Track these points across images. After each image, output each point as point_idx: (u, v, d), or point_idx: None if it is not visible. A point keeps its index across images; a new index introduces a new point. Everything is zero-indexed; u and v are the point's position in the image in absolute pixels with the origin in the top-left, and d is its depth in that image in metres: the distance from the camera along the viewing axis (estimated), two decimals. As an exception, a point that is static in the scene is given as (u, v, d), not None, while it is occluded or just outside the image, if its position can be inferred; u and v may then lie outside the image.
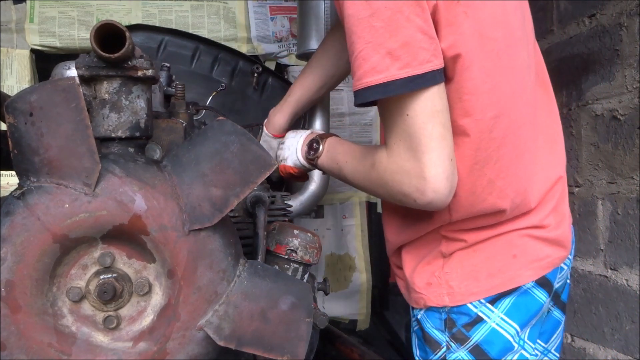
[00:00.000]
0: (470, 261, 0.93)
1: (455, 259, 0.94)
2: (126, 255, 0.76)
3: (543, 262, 0.95)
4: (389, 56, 0.73)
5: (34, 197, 0.70)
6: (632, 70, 1.34)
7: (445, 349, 0.95)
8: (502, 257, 0.92)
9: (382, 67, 0.74)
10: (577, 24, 1.54)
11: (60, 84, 0.70)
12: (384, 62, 0.73)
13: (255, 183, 0.76)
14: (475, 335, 0.92)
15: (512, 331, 0.93)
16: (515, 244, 0.93)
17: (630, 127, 1.35)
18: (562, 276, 1.07)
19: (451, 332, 0.94)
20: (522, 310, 0.93)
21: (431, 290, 0.95)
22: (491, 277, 0.92)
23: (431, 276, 0.95)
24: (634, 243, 1.35)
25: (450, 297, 0.93)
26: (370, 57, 0.74)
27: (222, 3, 2.06)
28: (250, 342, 0.76)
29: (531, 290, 0.94)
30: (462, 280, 0.93)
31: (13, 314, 0.71)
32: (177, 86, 1.11)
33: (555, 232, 0.97)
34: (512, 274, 0.92)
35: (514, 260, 0.92)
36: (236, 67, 1.74)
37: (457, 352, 0.94)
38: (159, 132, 0.95)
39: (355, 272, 2.21)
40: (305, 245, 1.03)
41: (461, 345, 0.93)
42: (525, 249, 0.93)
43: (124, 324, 0.77)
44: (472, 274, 0.93)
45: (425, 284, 0.96)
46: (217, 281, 0.76)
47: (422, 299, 0.96)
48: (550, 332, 1.10)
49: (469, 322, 0.93)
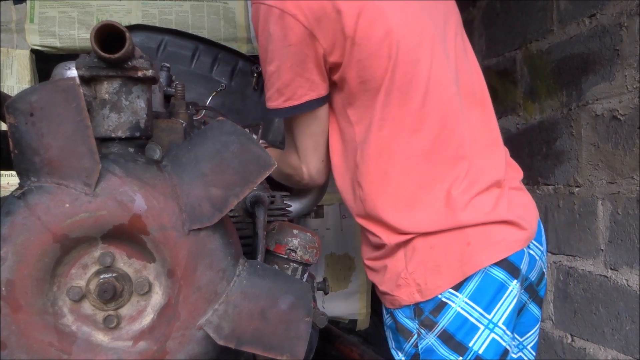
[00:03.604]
0: (430, 257, 1.02)
1: (417, 258, 1.02)
2: (126, 254, 0.76)
3: (500, 245, 1.02)
4: (277, 92, 1.03)
5: (34, 197, 0.70)
6: (632, 70, 1.34)
7: (416, 336, 1.03)
8: (458, 247, 1.01)
9: (274, 98, 1.05)
10: (577, 24, 1.54)
11: (61, 84, 0.70)
12: (274, 95, 1.04)
13: (255, 183, 0.76)
14: (442, 320, 1.00)
15: (476, 314, 1.00)
16: (467, 233, 1.01)
17: (630, 127, 1.36)
18: (535, 267, 1.12)
19: (420, 319, 1.02)
20: (484, 292, 1.00)
21: (402, 291, 1.03)
22: (451, 268, 1.00)
23: (398, 278, 1.04)
24: (634, 243, 1.35)
25: (420, 293, 1.02)
26: (269, 90, 1.05)
27: (222, 3, 2.06)
28: (249, 342, 0.76)
29: (489, 270, 1.01)
30: (426, 276, 1.01)
31: (13, 313, 0.71)
32: (177, 86, 1.11)
33: (505, 215, 1.03)
34: (468, 260, 1.00)
35: (469, 248, 1.00)
36: (236, 67, 1.74)
37: (427, 339, 1.01)
38: (159, 132, 0.95)
39: (355, 272, 2.21)
40: (304, 245, 1.03)
41: (430, 331, 1.01)
42: (477, 235, 1.01)
43: (124, 324, 0.77)
44: (434, 269, 1.01)
45: (395, 286, 1.04)
46: (217, 281, 0.76)
47: (397, 300, 1.05)
48: (526, 327, 1.16)
49: (434, 307, 1.01)
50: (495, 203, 1.05)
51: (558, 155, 1.66)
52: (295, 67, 1.00)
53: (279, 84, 1.02)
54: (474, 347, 0.99)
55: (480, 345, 0.99)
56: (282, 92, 1.03)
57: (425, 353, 1.02)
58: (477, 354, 0.99)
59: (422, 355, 1.02)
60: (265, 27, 0.99)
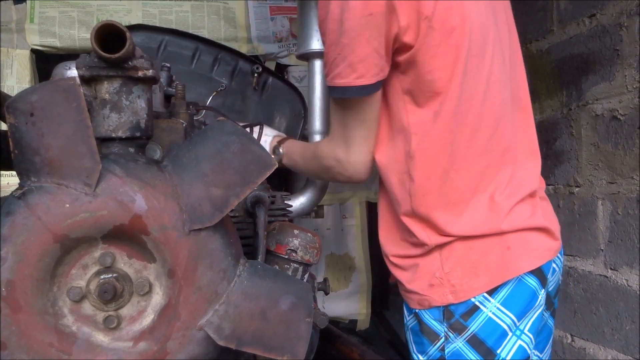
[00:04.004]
0: (468, 259, 0.97)
1: (454, 258, 0.98)
2: (127, 255, 0.76)
3: (536, 252, 1.00)
4: (349, 67, 0.92)
5: (34, 197, 0.70)
6: (632, 70, 1.34)
7: (444, 339, 0.98)
8: (498, 251, 0.97)
9: (344, 74, 0.93)
10: (577, 24, 1.54)
11: (61, 84, 0.70)
12: (345, 71, 0.93)
13: (255, 183, 0.76)
14: (473, 324, 0.96)
15: (508, 321, 0.96)
16: (507, 237, 0.98)
17: (630, 127, 1.36)
18: (554, 278, 1.09)
19: (449, 323, 0.98)
20: (517, 300, 0.97)
21: (434, 291, 0.99)
22: (489, 271, 0.97)
23: (432, 278, 0.99)
24: (634, 243, 1.35)
25: (453, 295, 0.97)
26: (337, 65, 0.93)
27: (222, 3, 2.06)
28: (250, 342, 0.76)
29: (524, 278, 0.98)
30: (462, 277, 0.97)
31: (14, 313, 0.71)
32: (177, 86, 1.11)
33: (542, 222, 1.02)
34: (508, 265, 0.97)
35: (509, 252, 0.97)
36: (236, 67, 1.74)
37: (455, 342, 0.97)
38: (159, 132, 0.95)
39: (355, 272, 2.21)
40: (305, 245, 1.03)
41: (459, 334, 0.97)
42: (517, 240, 0.98)
43: (124, 324, 0.77)
44: (471, 271, 0.97)
45: (428, 285, 0.99)
46: (217, 281, 0.76)
47: (427, 300, 1.00)
48: (544, 342, 1.13)
49: (466, 311, 0.96)
50: (533, 211, 1.02)
51: (558, 155, 1.66)
52: (373, 41, 0.91)
53: (352, 58, 0.91)
54: (502, 354, 0.96)
55: (508, 352, 0.96)
56: (355, 67, 0.92)
57: (452, 357, 0.98)
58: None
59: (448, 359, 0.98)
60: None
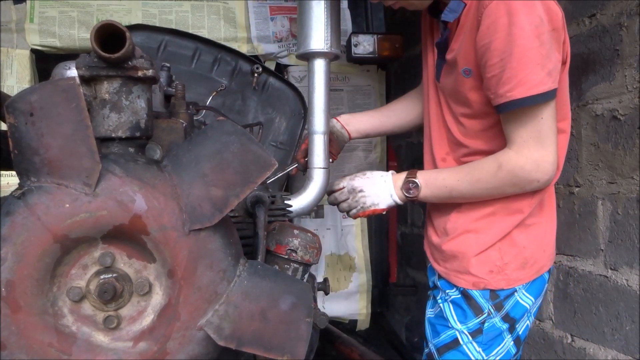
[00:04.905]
0: (522, 255, 1.23)
1: (512, 252, 1.23)
2: (126, 255, 0.76)
3: (552, 255, 1.31)
4: (548, 75, 1.07)
5: (34, 197, 0.70)
6: (632, 70, 1.34)
7: (487, 315, 1.23)
8: (537, 250, 1.25)
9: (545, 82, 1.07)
10: (577, 24, 1.54)
11: (61, 84, 0.70)
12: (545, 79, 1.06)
13: (255, 183, 0.76)
14: (508, 305, 1.23)
15: (529, 301, 1.26)
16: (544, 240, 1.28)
17: (630, 127, 1.35)
18: None
19: (494, 302, 1.23)
20: (537, 288, 1.27)
21: (492, 277, 1.22)
22: (530, 267, 1.24)
23: (493, 265, 1.22)
24: (634, 243, 1.35)
25: (506, 282, 1.22)
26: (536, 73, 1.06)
27: (222, 3, 2.06)
28: (250, 342, 0.76)
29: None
30: (515, 270, 1.23)
31: (13, 313, 0.71)
32: (177, 86, 1.11)
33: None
34: (542, 264, 1.27)
35: (544, 254, 1.27)
36: (236, 67, 1.74)
37: (494, 318, 1.23)
38: (159, 132, 0.95)
39: (355, 272, 2.21)
40: (305, 245, 1.03)
41: (498, 312, 1.23)
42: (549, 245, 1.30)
43: (124, 324, 0.77)
44: (521, 265, 1.23)
45: (488, 271, 1.22)
46: (217, 281, 0.76)
47: (483, 283, 1.23)
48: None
49: (508, 295, 1.23)
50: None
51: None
52: (556, 52, 1.09)
53: (550, 66, 1.07)
54: (518, 329, 1.26)
55: (521, 327, 1.27)
56: (552, 74, 1.08)
57: (487, 329, 1.23)
58: (517, 333, 1.26)
59: (484, 331, 1.23)
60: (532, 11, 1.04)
